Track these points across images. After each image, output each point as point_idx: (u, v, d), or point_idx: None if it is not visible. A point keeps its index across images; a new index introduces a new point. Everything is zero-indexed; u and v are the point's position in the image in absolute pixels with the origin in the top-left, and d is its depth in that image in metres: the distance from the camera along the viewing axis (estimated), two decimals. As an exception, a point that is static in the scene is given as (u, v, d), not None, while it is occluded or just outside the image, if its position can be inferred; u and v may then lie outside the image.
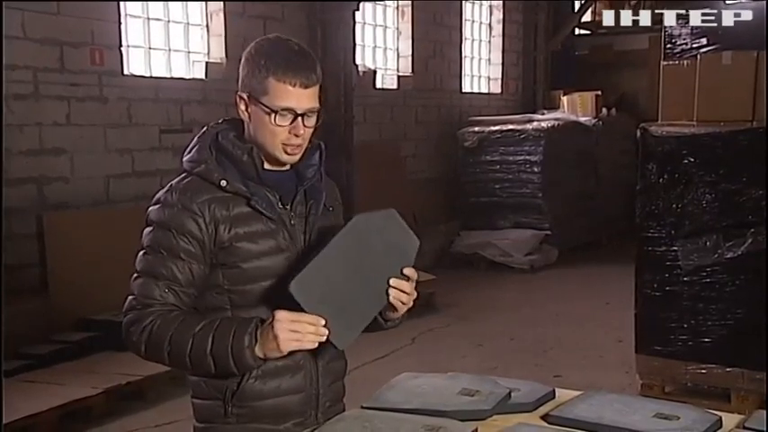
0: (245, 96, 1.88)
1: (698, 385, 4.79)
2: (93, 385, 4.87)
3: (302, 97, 1.84)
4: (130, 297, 1.86)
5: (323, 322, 1.74)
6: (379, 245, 1.83)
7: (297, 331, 1.72)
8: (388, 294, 1.85)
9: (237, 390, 1.88)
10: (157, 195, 1.90)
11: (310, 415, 1.96)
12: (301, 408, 1.95)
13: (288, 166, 1.94)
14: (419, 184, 9.99)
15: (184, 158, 1.93)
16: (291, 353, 1.88)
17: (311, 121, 1.88)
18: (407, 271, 1.87)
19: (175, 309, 1.83)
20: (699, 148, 4.65)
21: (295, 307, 1.73)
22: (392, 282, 1.84)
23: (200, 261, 1.85)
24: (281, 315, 1.73)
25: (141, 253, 1.87)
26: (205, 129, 1.96)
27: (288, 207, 1.92)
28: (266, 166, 1.91)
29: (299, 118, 1.85)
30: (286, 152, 1.88)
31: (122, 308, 1.87)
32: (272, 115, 1.84)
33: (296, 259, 1.88)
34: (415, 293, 1.90)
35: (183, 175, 1.91)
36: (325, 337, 1.75)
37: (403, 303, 1.88)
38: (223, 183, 1.86)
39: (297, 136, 1.86)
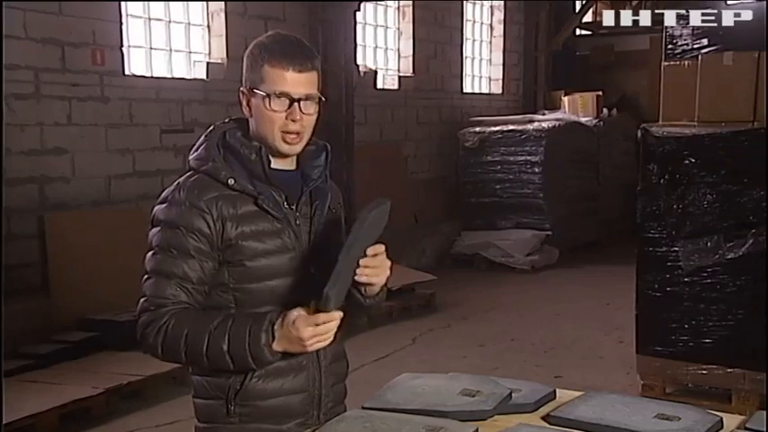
0: (245, 90, 1.90)
1: (699, 386, 4.80)
2: (93, 385, 4.87)
3: (297, 82, 1.85)
4: (142, 299, 1.85)
5: (340, 315, 1.78)
6: (369, 228, 1.85)
7: (320, 333, 1.75)
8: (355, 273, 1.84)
9: (240, 389, 1.89)
10: (164, 194, 1.90)
11: (312, 415, 1.97)
12: (304, 408, 1.95)
13: (294, 166, 1.95)
14: (420, 185, 10.00)
15: (191, 157, 1.93)
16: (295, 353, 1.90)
17: (310, 109, 1.88)
18: (372, 249, 1.85)
19: (188, 307, 1.83)
20: (700, 149, 4.65)
21: (306, 300, 1.77)
22: (361, 262, 1.83)
23: (210, 258, 1.85)
24: (302, 321, 1.74)
25: (150, 253, 1.87)
26: (212, 127, 1.97)
27: (293, 207, 1.93)
28: (273, 165, 1.91)
29: (296, 103, 1.85)
30: (285, 141, 1.88)
31: (136, 310, 1.86)
32: (268, 99, 1.85)
33: (301, 258, 1.90)
34: (388, 261, 1.89)
35: (189, 173, 1.91)
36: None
37: (376, 276, 1.87)
38: (230, 181, 1.86)
39: (294, 122, 1.86)
